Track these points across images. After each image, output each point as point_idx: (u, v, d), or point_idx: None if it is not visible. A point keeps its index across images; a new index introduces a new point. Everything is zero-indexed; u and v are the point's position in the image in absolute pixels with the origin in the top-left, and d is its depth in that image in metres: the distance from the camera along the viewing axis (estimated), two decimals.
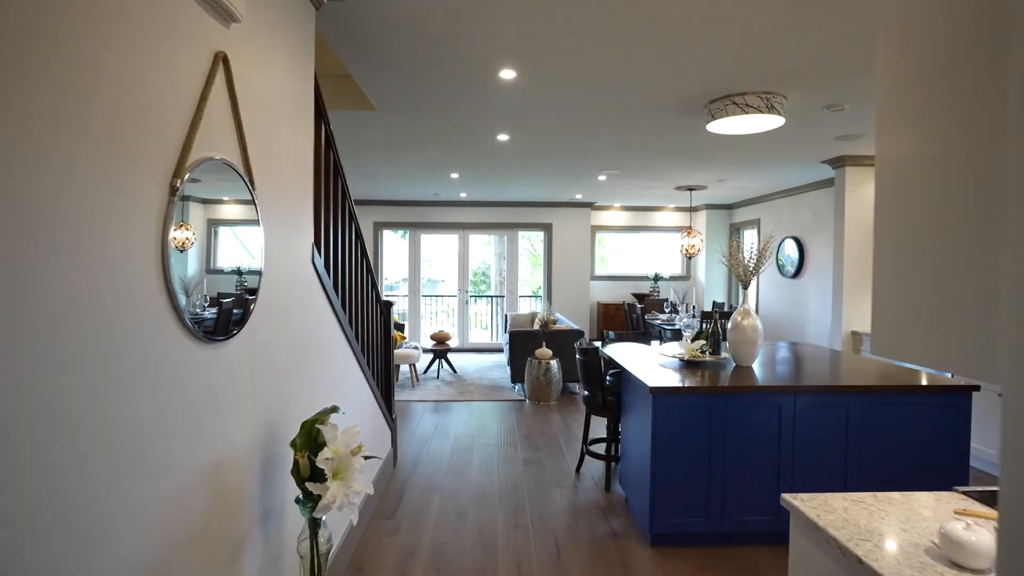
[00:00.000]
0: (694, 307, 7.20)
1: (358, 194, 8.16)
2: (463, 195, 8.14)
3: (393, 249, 9.50)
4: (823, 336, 6.47)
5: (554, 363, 5.73)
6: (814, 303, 6.78)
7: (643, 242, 10.01)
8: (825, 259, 6.51)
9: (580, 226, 9.08)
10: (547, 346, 5.98)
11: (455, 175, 6.41)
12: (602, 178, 6.48)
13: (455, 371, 7.28)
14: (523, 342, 6.09)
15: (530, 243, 16.06)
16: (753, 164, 5.58)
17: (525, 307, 10.14)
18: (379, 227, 8.97)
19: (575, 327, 6.37)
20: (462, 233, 9.10)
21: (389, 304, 3.87)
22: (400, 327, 8.33)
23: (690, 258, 7.18)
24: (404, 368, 6.87)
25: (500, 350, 9.12)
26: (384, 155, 5.37)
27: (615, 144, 4.71)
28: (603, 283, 9.56)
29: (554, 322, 6.03)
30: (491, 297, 11.77)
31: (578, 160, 5.42)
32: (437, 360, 7.18)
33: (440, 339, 7.16)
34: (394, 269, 9.79)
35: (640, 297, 9.22)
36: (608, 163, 5.60)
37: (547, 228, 9.08)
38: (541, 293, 9.57)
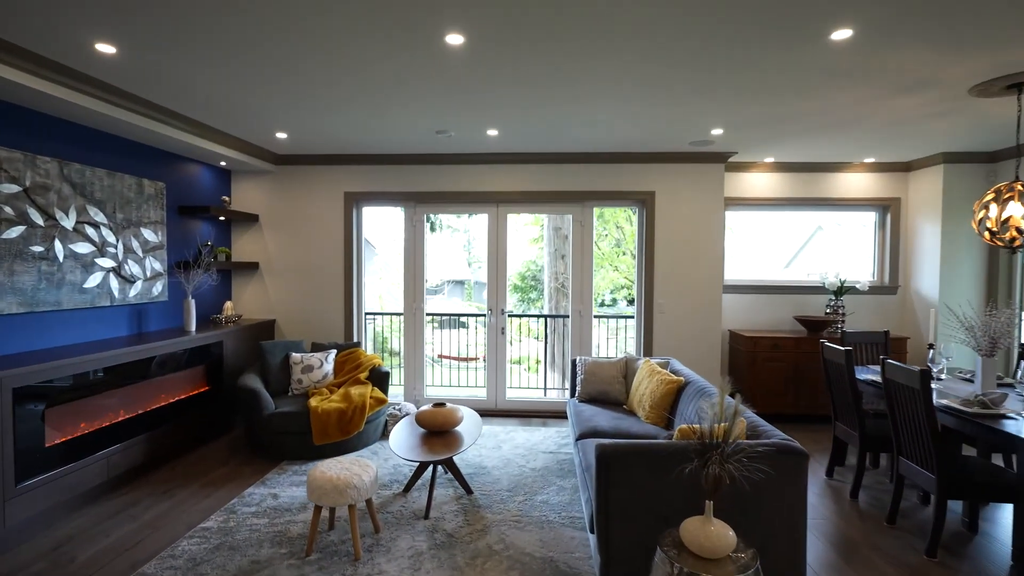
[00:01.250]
0: None
1: (308, 142, 4.50)
2: (492, 132, 4.30)
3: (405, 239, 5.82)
4: None
5: None
6: None
7: (810, 226, 5.87)
8: None
9: (705, 196, 5.06)
10: (718, 508, 2.06)
11: (456, 37, 2.60)
12: (839, 35, 2.49)
13: (469, 491, 3.45)
14: (629, 473, 2.18)
15: (600, 229, 11.98)
16: None
17: (602, 344, 6.27)
18: (354, 200, 5.27)
19: (787, 442, 2.38)
20: (494, 211, 5.27)
21: None
22: (383, 378, 4.61)
23: (1014, 251, 3.06)
24: (343, 510, 2.98)
25: (562, 415, 5.23)
26: None
27: None
28: (738, 298, 5.50)
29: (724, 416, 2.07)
30: (545, 317, 7.97)
31: None
32: (432, 469, 3.37)
33: (437, 426, 3.35)
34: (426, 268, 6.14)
35: (812, 324, 5.10)
36: None
37: (645, 201, 5.11)
38: (631, 311, 5.63)
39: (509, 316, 5.40)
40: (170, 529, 2.94)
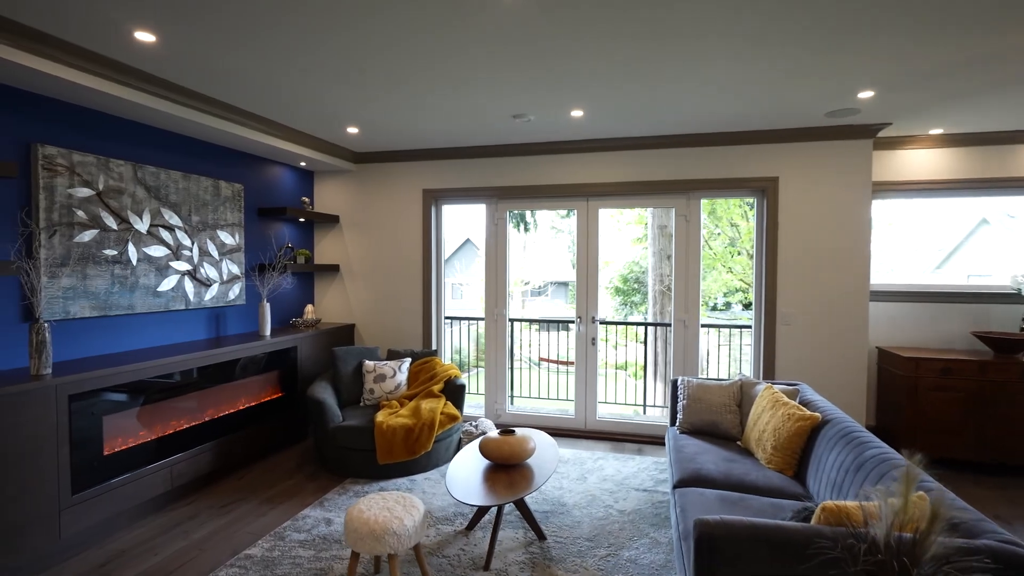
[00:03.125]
0: None
1: (382, 138, 4.23)
2: (576, 113, 3.72)
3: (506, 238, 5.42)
4: None
5: None
6: None
7: (972, 218, 4.60)
8: None
9: (846, 181, 4.07)
10: None
11: None
12: None
13: (542, 536, 2.90)
14: (745, 567, 1.51)
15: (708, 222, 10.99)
16: None
17: (712, 353, 5.44)
18: (433, 198, 4.95)
19: (1013, 548, 1.59)
20: (584, 205, 4.67)
21: None
22: (458, 391, 4.22)
23: None
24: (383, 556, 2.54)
25: (662, 440, 4.49)
26: None
27: None
28: (887, 307, 4.41)
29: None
30: (646, 325, 7.21)
31: None
32: (495, 512, 2.87)
33: (503, 459, 2.84)
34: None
35: (1001, 343, 3.90)
36: None
37: (765, 189, 4.23)
38: (748, 317, 4.71)
39: (601, 323, 4.76)
40: (215, 553, 2.72)
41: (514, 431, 2.95)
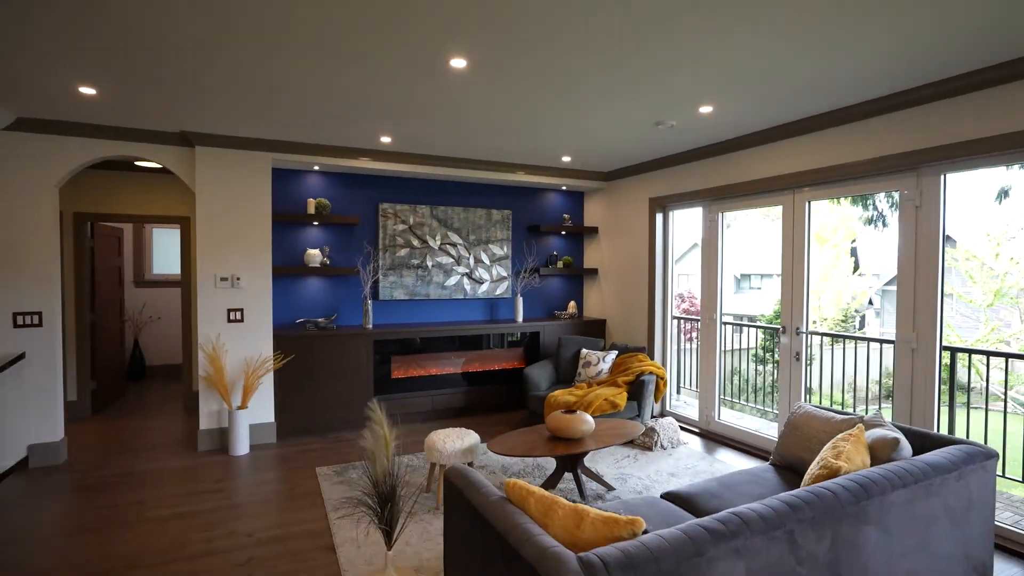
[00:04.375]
0: None
1: (593, 158, 4.97)
2: (705, 110, 3.47)
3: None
4: None
5: None
6: None
7: None
8: None
9: None
10: None
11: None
12: None
13: (583, 496, 3.19)
14: None
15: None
16: None
17: None
18: (658, 205, 5.22)
19: None
20: (789, 199, 4.02)
21: None
22: (640, 387, 4.60)
23: None
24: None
25: None
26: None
27: None
28: None
29: None
30: (867, 340, 4.97)
31: None
32: (567, 472, 3.35)
33: (559, 432, 3.31)
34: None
35: None
36: None
37: None
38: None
39: (810, 335, 3.96)
40: (414, 446, 4.35)
41: (576, 412, 3.34)
